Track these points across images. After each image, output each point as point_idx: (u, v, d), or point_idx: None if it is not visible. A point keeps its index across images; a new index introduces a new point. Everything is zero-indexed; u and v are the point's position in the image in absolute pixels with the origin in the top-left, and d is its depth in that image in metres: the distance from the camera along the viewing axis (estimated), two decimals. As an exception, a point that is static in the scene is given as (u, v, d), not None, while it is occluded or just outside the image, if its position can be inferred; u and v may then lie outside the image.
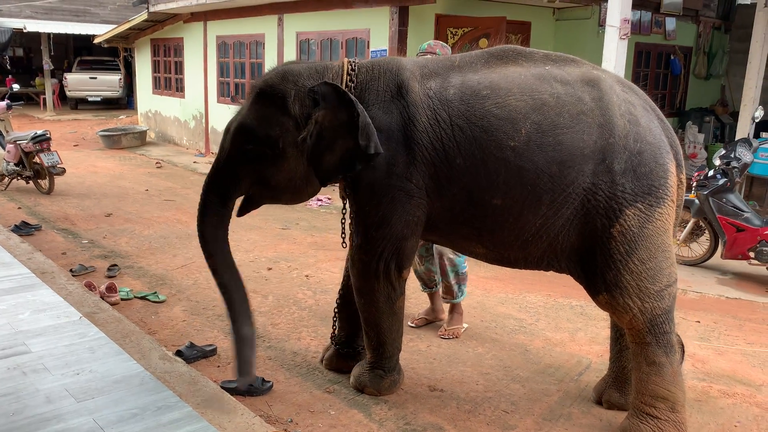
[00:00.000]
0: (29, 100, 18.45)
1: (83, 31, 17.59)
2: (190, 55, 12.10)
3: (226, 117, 3.42)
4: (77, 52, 21.00)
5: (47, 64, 17.28)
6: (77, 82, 17.81)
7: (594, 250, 2.73)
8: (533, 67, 2.81)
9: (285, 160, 2.90)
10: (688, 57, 10.60)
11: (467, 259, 3.94)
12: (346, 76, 2.90)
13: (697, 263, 5.66)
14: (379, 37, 7.97)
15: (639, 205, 2.66)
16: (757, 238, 5.17)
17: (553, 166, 2.65)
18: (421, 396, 3.28)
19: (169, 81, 13.07)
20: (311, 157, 2.84)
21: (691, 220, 5.60)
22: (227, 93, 11.04)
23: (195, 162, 10.91)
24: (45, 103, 17.60)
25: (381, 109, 2.82)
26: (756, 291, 5.14)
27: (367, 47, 8.16)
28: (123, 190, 8.47)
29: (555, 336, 4.09)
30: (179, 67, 12.59)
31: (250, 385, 3.22)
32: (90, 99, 18.15)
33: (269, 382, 3.31)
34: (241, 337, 2.88)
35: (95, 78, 17.93)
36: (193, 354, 3.59)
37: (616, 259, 2.69)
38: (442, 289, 4.05)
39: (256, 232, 6.43)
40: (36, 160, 7.86)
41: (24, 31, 16.70)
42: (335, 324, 3.54)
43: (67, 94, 17.91)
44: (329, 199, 8.01)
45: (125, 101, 18.81)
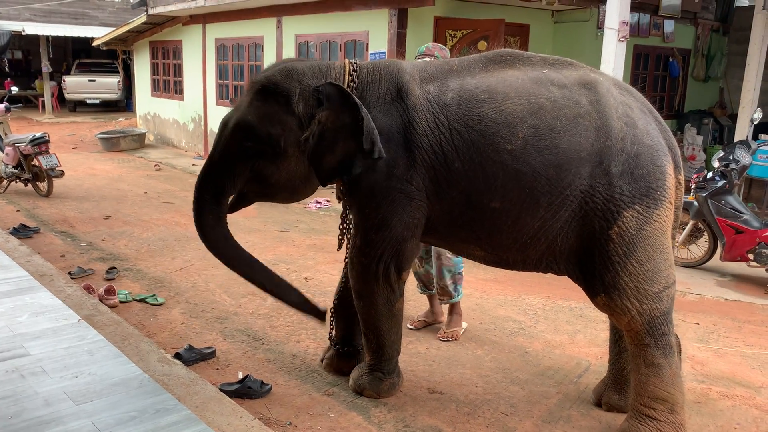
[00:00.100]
0: (28, 102, 18.46)
1: (82, 34, 17.59)
2: (188, 57, 12.09)
3: (225, 120, 3.39)
4: (76, 54, 20.97)
5: (46, 67, 17.27)
6: (76, 84, 17.77)
7: (592, 252, 2.74)
8: (530, 71, 2.81)
9: (285, 159, 2.88)
10: (687, 59, 10.61)
11: (464, 260, 3.94)
12: (348, 76, 2.89)
13: (696, 265, 5.67)
14: (378, 40, 7.97)
15: (637, 206, 2.66)
16: (756, 240, 5.17)
17: (551, 169, 2.66)
18: (420, 398, 3.28)
19: (168, 83, 13.06)
20: (312, 157, 2.83)
21: (690, 222, 5.60)
22: (226, 95, 11.03)
23: (194, 164, 10.89)
24: (43, 106, 17.58)
25: (381, 111, 2.82)
26: (755, 293, 5.14)
27: (366, 49, 8.15)
28: (122, 193, 8.46)
29: (554, 338, 4.09)
30: (178, 70, 12.58)
31: (248, 387, 3.22)
32: (89, 102, 18.15)
33: (268, 384, 3.31)
34: (292, 303, 3.15)
35: (94, 81, 17.90)
36: (192, 357, 3.59)
37: (614, 260, 2.69)
38: (437, 291, 4.04)
39: (255, 234, 6.42)
40: (35, 162, 7.86)
41: (23, 33, 16.68)
42: (332, 325, 3.54)
43: (66, 96, 17.86)
44: (328, 201, 8.01)
45: (124, 104, 18.82)
